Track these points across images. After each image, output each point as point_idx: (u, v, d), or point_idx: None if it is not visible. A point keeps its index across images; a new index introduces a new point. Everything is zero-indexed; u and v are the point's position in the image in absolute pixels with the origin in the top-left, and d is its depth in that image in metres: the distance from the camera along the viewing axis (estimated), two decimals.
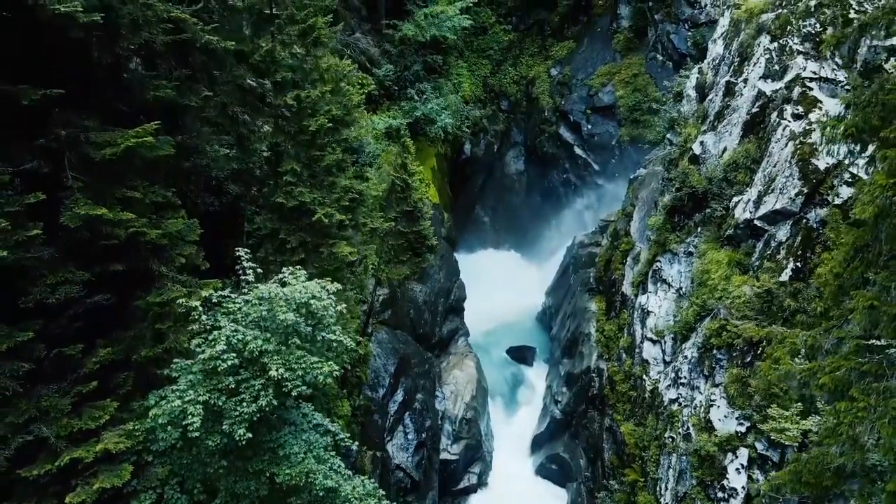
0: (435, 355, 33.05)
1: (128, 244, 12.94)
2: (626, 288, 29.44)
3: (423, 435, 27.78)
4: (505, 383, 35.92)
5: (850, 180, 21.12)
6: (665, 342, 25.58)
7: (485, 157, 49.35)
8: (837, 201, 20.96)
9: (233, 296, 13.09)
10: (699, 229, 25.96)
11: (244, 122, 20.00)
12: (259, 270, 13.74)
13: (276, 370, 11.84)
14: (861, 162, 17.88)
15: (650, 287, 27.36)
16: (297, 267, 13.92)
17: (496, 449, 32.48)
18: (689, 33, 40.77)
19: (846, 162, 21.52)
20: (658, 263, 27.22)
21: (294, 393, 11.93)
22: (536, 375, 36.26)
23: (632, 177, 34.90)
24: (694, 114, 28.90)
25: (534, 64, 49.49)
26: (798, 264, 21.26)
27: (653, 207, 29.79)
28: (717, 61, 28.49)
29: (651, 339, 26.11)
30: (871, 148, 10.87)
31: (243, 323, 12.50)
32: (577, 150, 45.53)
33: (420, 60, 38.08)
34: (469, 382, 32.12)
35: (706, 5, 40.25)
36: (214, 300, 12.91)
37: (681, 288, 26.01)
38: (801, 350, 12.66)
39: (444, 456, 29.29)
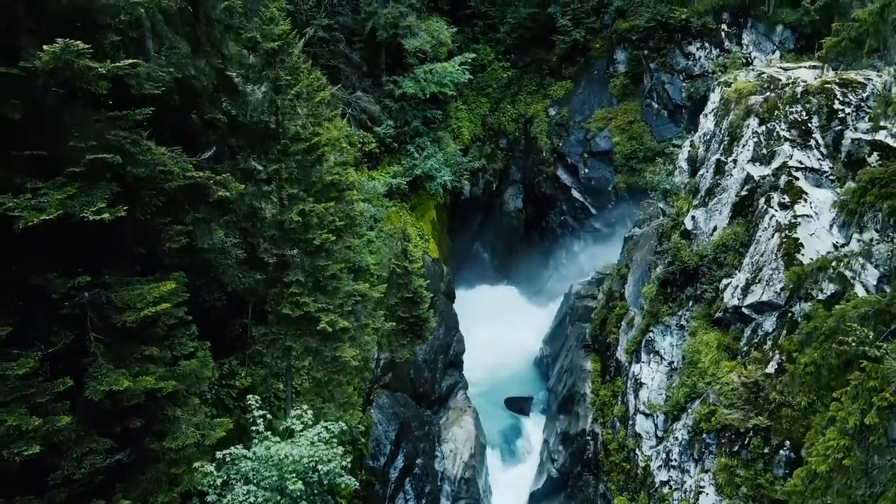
0: (434, 411, 33.88)
1: (146, 400, 13.78)
2: (621, 354, 30.27)
3: (424, 501, 28.65)
4: (503, 435, 36.75)
5: (833, 276, 21.93)
6: (657, 416, 26.43)
7: (484, 195, 50.22)
8: (822, 296, 21.79)
9: (245, 452, 13.96)
10: (691, 303, 26.77)
11: (252, 229, 20.89)
12: (269, 416, 14.62)
13: None
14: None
15: (643, 357, 28.19)
16: (305, 408, 14.76)
17: None
18: (684, 84, 41.54)
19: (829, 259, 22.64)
20: (651, 334, 28.05)
21: None
22: (534, 426, 37.08)
23: (626, 235, 35.68)
24: (685, 186, 29.70)
25: (532, 102, 50.19)
26: (783, 357, 22.10)
27: (646, 272, 30.57)
28: (707, 137, 29.27)
29: (644, 413, 26.96)
30: None
31: (255, 481, 13.40)
32: (575, 193, 46.38)
33: (420, 115, 38.84)
34: (468, 440, 32.97)
35: (700, 58, 41.00)
36: (228, 459, 13.79)
37: (672, 362, 26.84)
38: None
39: None
